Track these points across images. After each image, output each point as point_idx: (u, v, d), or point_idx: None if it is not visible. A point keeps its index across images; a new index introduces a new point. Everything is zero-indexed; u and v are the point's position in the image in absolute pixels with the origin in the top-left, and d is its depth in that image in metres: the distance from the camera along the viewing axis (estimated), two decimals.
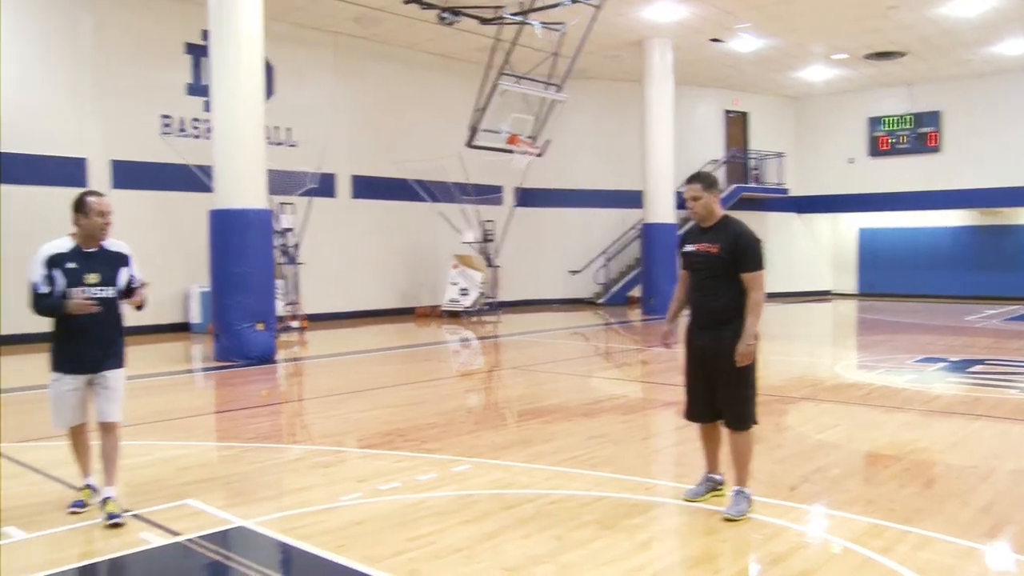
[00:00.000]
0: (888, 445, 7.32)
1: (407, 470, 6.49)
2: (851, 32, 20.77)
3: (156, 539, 4.98)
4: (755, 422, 5.45)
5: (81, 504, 5.49)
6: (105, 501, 5.40)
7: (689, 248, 5.52)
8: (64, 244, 5.42)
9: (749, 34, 20.96)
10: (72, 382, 5.44)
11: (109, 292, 5.47)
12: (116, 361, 5.57)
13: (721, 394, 5.41)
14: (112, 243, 5.57)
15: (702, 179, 5.49)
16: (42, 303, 5.32)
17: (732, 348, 5.25)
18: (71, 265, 5.35)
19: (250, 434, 8.01)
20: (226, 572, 4.63)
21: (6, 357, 13.13)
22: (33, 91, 15.76)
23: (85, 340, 5.40)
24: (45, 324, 5.46)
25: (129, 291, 5.60)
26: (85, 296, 5.27)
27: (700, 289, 5.49)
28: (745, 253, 5.31)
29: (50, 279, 5.31)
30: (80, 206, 5.40)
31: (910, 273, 28.06)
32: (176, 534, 5.03)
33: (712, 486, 5.64)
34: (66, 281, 5.31)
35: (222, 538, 5.02)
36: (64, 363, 5.43)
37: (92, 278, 5.39)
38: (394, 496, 5.80)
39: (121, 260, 5.58)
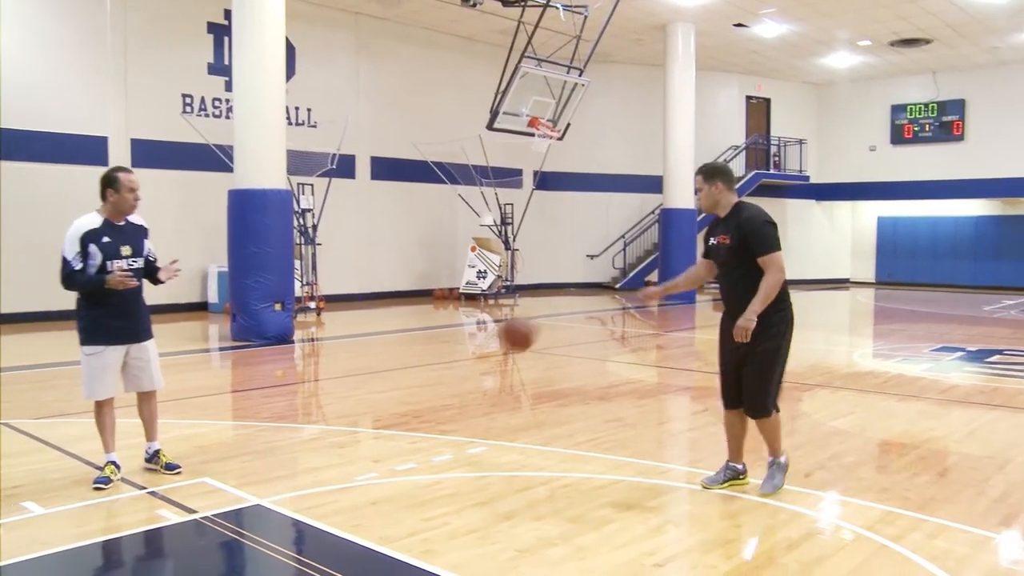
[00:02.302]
0: (903, 433, 7.31)
1: (422, 451, 6.53)
2: (877, 18, 20.56)
3: (173, 516, 5.03)
4: (776, 409, 5.42)
5: (106, 480, 5.52)
6: (157, 454, 5.86)
7: (712, 241, 5.55)
8: (95, 219, 5.55)
9: (774, 19, 20.80)
10: (114, 353, 5.60)
11: (139, 263, 5.69)
12: (150, 331, 5.82)
13: (743, 381, 5.41)
14: (133, 216, 5.74)
15: (703, 171, 5.53)
16: (77, 279, 5.44)
17: (758, 332, 5.22)
18: (106, 239, 5.50)
19: (266, 414, 8.07)
20: (242, 550, 4.67)
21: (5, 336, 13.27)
22: (54, 70, 15.83)
23: (123, 312, 5.58)
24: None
25: (146, 264, 5.77)
26: (122, 270, 5.43)
27: (723, 280, 5.53)
28: (753, 237, 5.26)
29: (84, 254, 5.43)
30: (111, 182, 5.54)
31: (929, 262, 27.87)
32: (193, 511, 5.08)
33: (732, 475, 5.59)
34: (103, 255, 5.47)
35: (238, 516, 5.07)
36: (105, 335, 5.56)
37: (126, 250, 5.58)
38: (409, 477, 5.83)
39: (143, 233, 5.80)
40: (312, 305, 16.82)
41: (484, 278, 20.48)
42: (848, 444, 6.89)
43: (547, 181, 23.33)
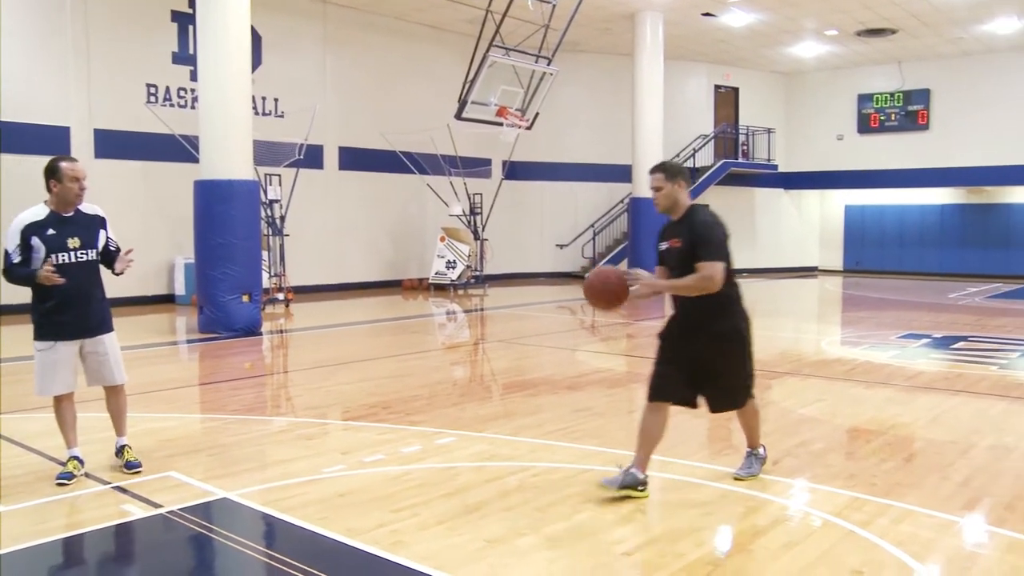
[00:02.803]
0: (870, 420, 7.37)
1: (391, 442, 6.50)
2: (843, 8, 20.70)
3: (138, 511, 4.97)
4: (751, 396, 5.39)
5: (69, 476, 5.42)
6: (122, 449, 5.71)
7: (663, 246, 5.27)
8: (40, 211, 5.41)
9: (741, 8, 20.87)
10: (66, 348, 5.45)
11: (91, 255, 5.51)
12: (107, 324, 5.64)
13: (714, 390, 5.23)
14: (87, 206, 5.58)
15: (665, 168, 5.21)
16: (15, 272, 5.34)
17: (719, 348, 5.14)
18: (51, 232, 5.35)
19: (234, 406, 8.00)
20: (208, 544, 4.63)
21: None
22: (14, 58, 15.54)
23: (73, 306, 5.41)
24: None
25: (107, 254, 5.62)
26: (51, 268, 5.23)
27: None
28: (700, 240, 5.03)
29: (27, 247, 5.30)
30: (53, 172, 5.38)
31: (896, 250, 28.16)
32: (159, 506, 5.02)
33: (632, 482, 5.08)
34: (47, 247, 5.31)
35: (204, 510, 5.02)
36: (55, 330, 5.42)
37: (73, 242, 5.41)
38: (378, 468, 5.80)
39: (99, 223, 5.62)
40: (280, 296, 16.70)
41: (453, 268, 20.43)
42: (816, 431, 6.94)
43: (516, 171, 23.30)
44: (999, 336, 12.89)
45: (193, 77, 16.07)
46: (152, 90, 17.35)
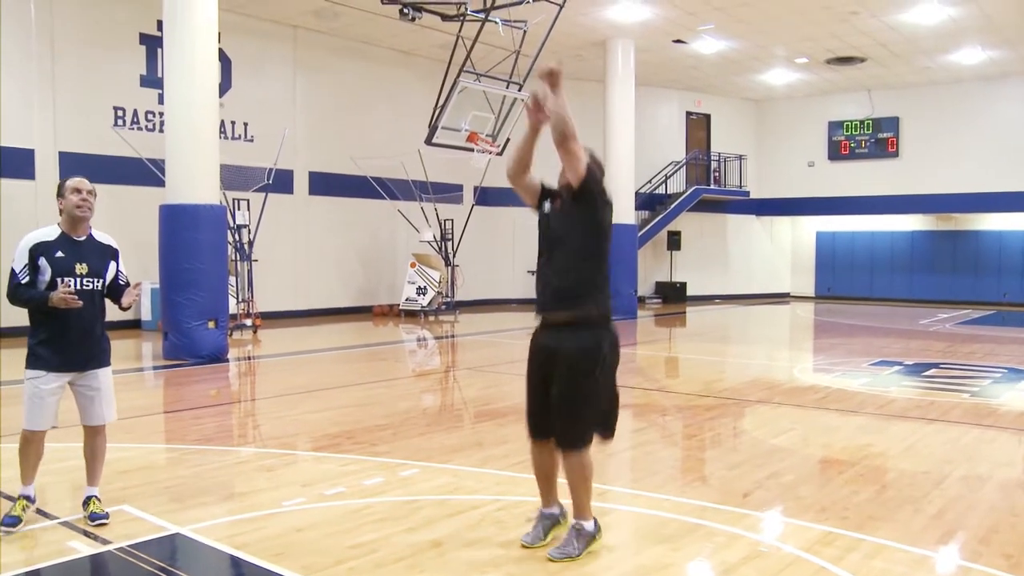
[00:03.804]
0: (842, 450, 7.27)
1: (354, 474, 6.32)
2: (813, 36, 20.87)
3: (85, 548, 4.76)
4: (588, 442, 4.69)
5: (16, 521, 4.99)
6: (89, 500, 5.24)
7: (546, 207, 5.04)
8: (51, 232, 5.13)
9: (712, 36, 20.97)
10: (55, 380, 5.07)
11: (97, 284, 5.20)
12: (104, 358, 5.29)
13: (553, 404, 4.64)
14: (101, 235, 5.34)
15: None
16: (21, 294, 4.99)
17: (580, 351, 4.58)
18: (59, 254, 5.05)
19: (195, 436, 7.79)
20: None
21: None
22: None
23: (71, 336, 5.06)
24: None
25: (114, 288, 5.32)
26: (69, 289, 4.93)
27: (544, 266, 4.93)
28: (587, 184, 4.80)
29: (35, 268, 5.00)
30: (58, 190, 5.19)
31: (867, 276, 28.31)
32: (107, 542, 4.82)
33: (551, 523, 4.82)
34: (53, 270, 5.01)
35: (155, 546, 4.81)
36: (47, 360, 5.03)
37: (81, 268, 5.11)
38: (338, 501, 5.63)
39: (111, 253, 5.36)
40: (248, 323, 16.46)
41: (424, 294, 20.26)
42: (787, 462, 6.83)
43: (487, 196, 23.18)
44: (970, 363, 12.89)
45: (161, 100, 15.89)
46: (119, 113, 17.14)
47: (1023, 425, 8.42)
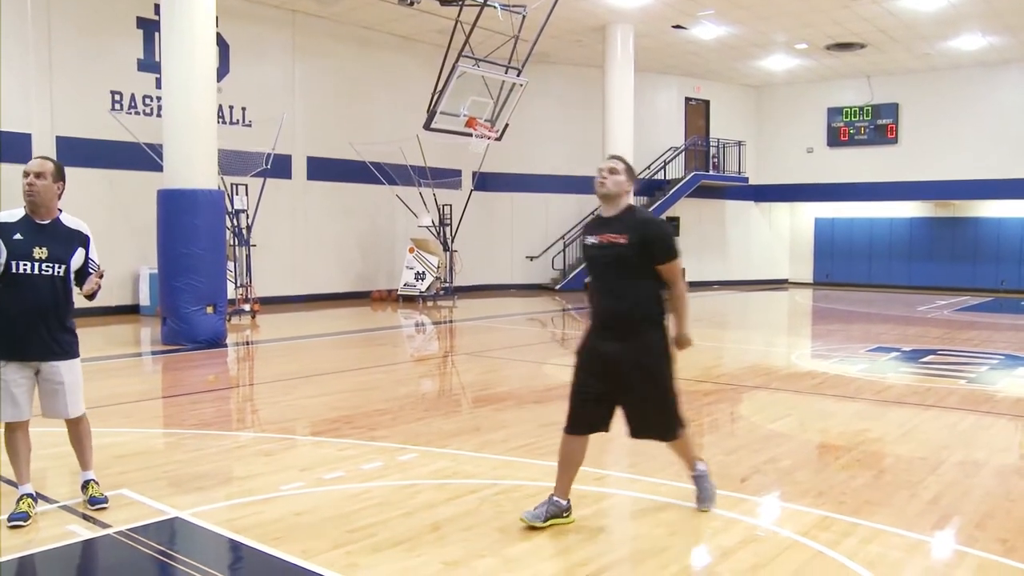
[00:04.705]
0: (840, 435, 7.29)
1: (352, 458, 6.34)
2: (813, 22, 20.80)
3: (85, 532, 4.78)
4: (683, 426, 5.02)
5: (24, 517, 4.82)
6: (87, 485, 5.20)
7: (593, 240, 4.85)
8: (15, 214, 4.95)
9: (712, 21, 20.91)
10: (17, 371, 4.89)
11: (58, 270, 4.91)
12: (70, 350, 5.04)
13: (643, 409, 4.87)
14: (71, 219, 5.09)
15: (626, 162, 4.92)
16: None
17: (647, 360, 4.78)
18: (18, 236, 4.84)
19: (193, 421, 7.80)
20: (155, 566, 4.43)
21: None
22: None
23: (27, 323, 4.83)
24: None
25: (82, 275, 5.05)
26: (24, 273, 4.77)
27: (605, 290, 4.87)
28: (658, 238, 4.72)
29: None
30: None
31: (865, 263, 28.31)
32: (107, 526, 4.83)
33: (556, 511, 4.86)
34: (8, 253, 4.80)
35: (155, 530, 4.83)
36: (5, 348, 4.86)
37: (40, 252, 4.85)
38: (337, 486, 5.65)
39: (79, 239, 5.06)
40: (246, 308, 16.46)
41: (423, 279, 20.27)
42: (785, 447, 6.85)
43: (486, 182, 23.17)
44: (967, 349, 12.91)
45: (159, 84, 15.82)
46: (117, 97, 17.10)
47: (1020, 411, 8.45)
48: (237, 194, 16.53)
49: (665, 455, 6.34)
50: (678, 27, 21.45)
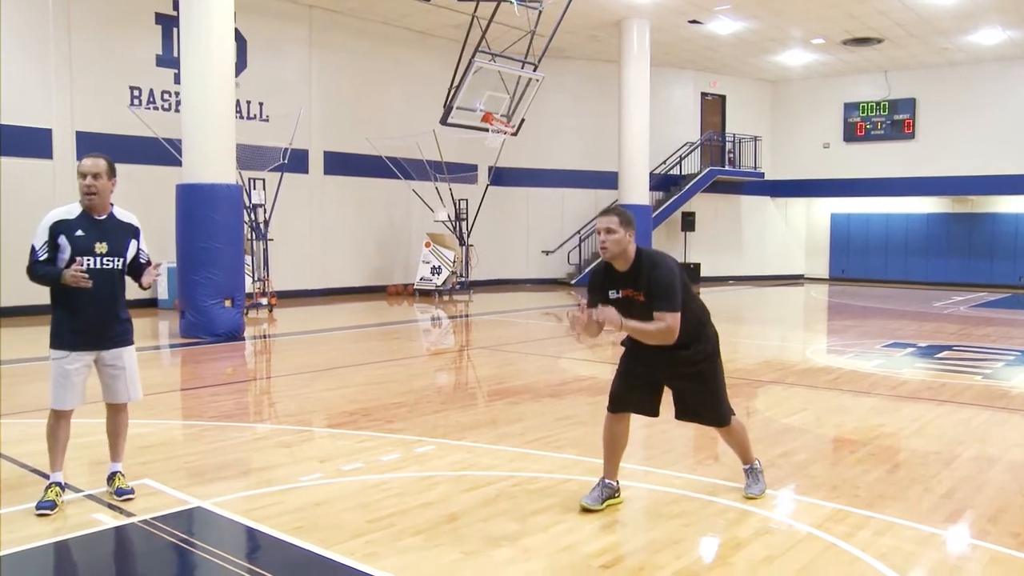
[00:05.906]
0: (854, 430, 7.32)
1: (370, 450, 6.41)
2: (830, 16, 20.75)
3: (110, 520, 4.87)
4: (732, 413, 5.26)
5: (51, 505, 4.94)
6: (113, 476, 5.32)
7: (615, 295, 4.91)
8: (72, 210, 5.10)
9: (728, 16, 20.89)
10: (79, 360, 5.08)
11: (117, 263, 5.15)
12: (127, 337, 5.31)
13: (694, 399, 5.16)
14: (122, 212, 5.28)
15: (620, 214, 4.85)
16: (38, 270, 4.99)
17: (689, 371, 5.05)
18: (79, 232, 5.02)
19: (213, 413, 7.90)
20: (180, 554, 4.52)
21: None
22: None
23: (91, 315, 5.06)
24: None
25: (135, 266, 5.30)
26: (81, 269, 4.88)
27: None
28: (660, 291, 4.75)
29: (54, 246, 4.99)
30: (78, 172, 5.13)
31: (881, 259, 28.22)
32: (131, 515, 4.93)
33: (610, 493, 5.13)
34: (73, 249, 4.98)
35: (177, 519, 4.92)
36: (70, 339, 5.05)
37: (101, 247, 5.06)
38: (356, 477, 5.72)
39: (131, 232, 5.28)
40: (264, 301, 16.58)
41: (438, 274, 20.36)
42: (800, 441, 6.89)
43: (502, 177, 23.24)
44: (983, 346, 12.89)
45: (177, 80, 15.96)
46: (135, 93, 17.23)
47: None
48: (255, 188, 16.64)
49: (680, 447, 6.40)
50: (694, 22, 21.44)
